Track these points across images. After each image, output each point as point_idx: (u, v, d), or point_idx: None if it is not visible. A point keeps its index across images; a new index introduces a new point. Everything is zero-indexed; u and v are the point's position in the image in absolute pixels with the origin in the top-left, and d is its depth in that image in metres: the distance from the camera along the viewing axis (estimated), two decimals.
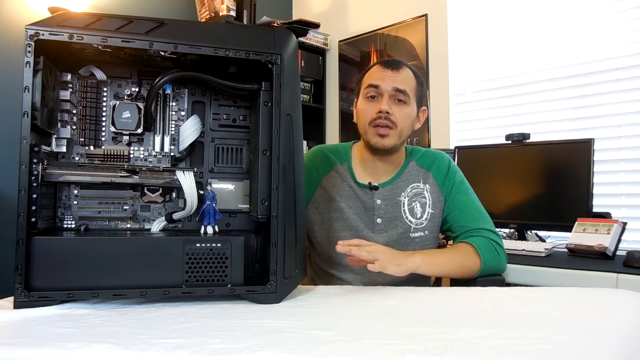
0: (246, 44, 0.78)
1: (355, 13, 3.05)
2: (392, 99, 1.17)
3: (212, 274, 0.77)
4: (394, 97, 1.16)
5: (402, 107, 1.17)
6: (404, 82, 1.17)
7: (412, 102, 1.19)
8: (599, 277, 1.20)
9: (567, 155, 1.68)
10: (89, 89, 0.85)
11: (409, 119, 1.18)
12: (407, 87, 1.17)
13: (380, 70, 1.19)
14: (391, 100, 1.17)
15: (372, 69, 1.22)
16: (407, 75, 1.19)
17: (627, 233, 1.47)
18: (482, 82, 2.46)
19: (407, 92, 1.16)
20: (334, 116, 3.15)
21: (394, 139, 1.17)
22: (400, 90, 1.16)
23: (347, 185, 1.24)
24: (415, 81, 1.20)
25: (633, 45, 2.00)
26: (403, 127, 1.17)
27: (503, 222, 1.75)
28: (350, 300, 0.82)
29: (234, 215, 0.92)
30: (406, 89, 1.16)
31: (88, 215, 0.86)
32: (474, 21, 2.50)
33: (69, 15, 0.73)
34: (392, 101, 1.17)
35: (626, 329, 0.64)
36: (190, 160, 0.91)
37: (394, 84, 1.16)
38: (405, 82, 1.18)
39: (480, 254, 1.11)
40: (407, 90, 1.16)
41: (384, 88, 1.16)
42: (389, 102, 1.16)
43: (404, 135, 1.19)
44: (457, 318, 0.70)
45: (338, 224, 1.21)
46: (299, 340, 0.57)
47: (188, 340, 0.57)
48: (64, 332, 0.60)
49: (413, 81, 1.19)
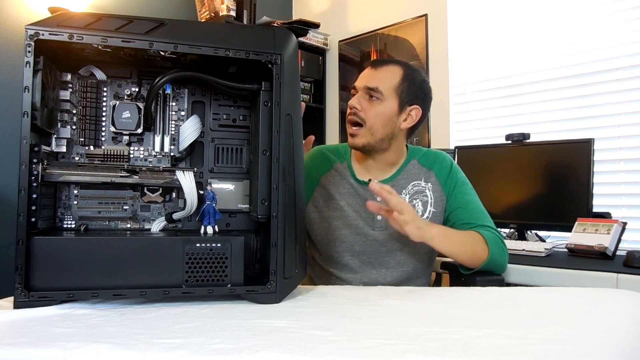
0: (246, 44, 0.78)
1: (355, 13, 3.05)
2: (365, 96, 1.18)
3: (212, 274, 0.77)
4: (367, 95, 1.18)
5: (373, 103, 1.17)
6: (380, 80, 1.17)
7: (389, 99, 1.17)
8: (599, 277, 1.20)
9: (567, 155, 1.68)
10: (89, 89, 0.85)
11: (382, 115, 1.16)
12: (382, 84, 1.16)
13: (364, 71, 1.22)
14: (364, 97, 1.18)
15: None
16: (388, 74, 1.18)
17: (627, 233, 1.47)
18: (482, 82, 2.46)
19: (378, 89, 1.16)
20: (334, 116, 3.15)
21: (365, 137, 1.17)
22: (370, 88, 1.17)
23: (346, 183, 1.24)
24: (399, 78, 1.18)
25: (633, 45, 2.00)
26: (373, 124, 1.16)
27: (503, 222, 1.75)
28: (350, 300, 0.82)
29: (234, 215, 0.91)
30: (378, 86, 1.16)
31: (88, 215, 0.86)
32: (474, 21, 2.50)
33: (69, 15, 0.73)
34: (364, 98, 1.18)
35: (626, 329, 0.64)
36: (190, 160, 0.91)
37: (366, 83, 1.18)
38: (382, 80, 1.17)
39: (489, 245, 1.12)
40: (380, 88, 1.16)
41: (358, 86, 1.20)
42: (359, 98, 1.18)
43: (377, 133, 1.17)
44: (457, 318, 0.70)
45: (337, 222, 1.21)
46: (299, 340, 0.57)
47: (188, 340, 0.57)
48: (64, 332, 0.60)
49: (395, 78, 1.18)
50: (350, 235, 1.20)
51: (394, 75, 1.18)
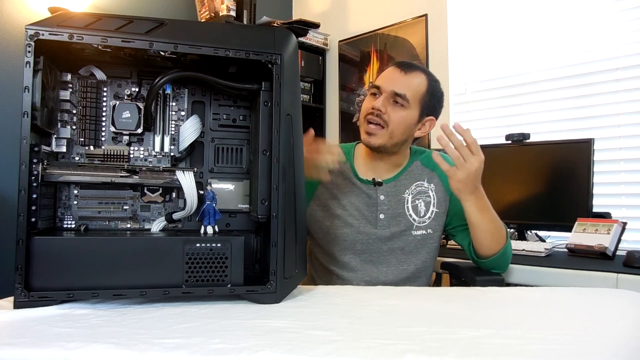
0: (246, 44, 0.78)
1: (355, 13, 3.05)
2: (389, 99, 1.17)
3: (212, 274, 0.77)
4: (392, 99, 1.17)
5: (398, 109, 1.17)
6: (407, 87, 1.16)
7: (413, 107, 1.17)
8: (599, 277, 1.20)
9: (567, 155, 1.68)
10: (89, 89, 0.85)
11: (404, 122, 1.17)
12: (409, 92, 1.16)
13: (390, 71, 1.20)
14: (388, 100, 1.17)
15: (385, 70, 1.23)
16: (415, 81, 1.18)
17: (627, 233, 1.47)
18: (482, 82, 2.46)
19: (406, 97, 1.15)
20: (334, 116, 3.15)
21: (383, 138, 1.17)
22: (398, 94, 1.16)
23: (349, 183, 1.24)
24: (425, 88, 1.18)
25: (633, 45, 2.00)
26: (395, 129, 1.16)
27: (503, 222, 1.74)
28: (350, 300, 0.82)
29: (234, 215, 0.91)
30: (406, 94, 1.15)
31: (88, 215, 0.86)
32: (474, 21, 2.50)
33: (69, 15, 0.73)
34: (389, 102, 1.17)
35: (626, 329, 0.64)
36: (190, 160, 0.91)
37: (394, 87, 1.16)
38: (410, 86, 1.17)
39: (507, 242, 1.16)
40: (407, 95, 1.16)
41: (384, 88, 1.17)
42: (385, 101, 1.17)
43: (395, 138, 1.17)
44: (457, 318, 0.70)
45: (339, 221, 1.22)
46: (299, 340, 0.57)
47: (188, 340, 0.57)
48: (64, 332, 0.60)
49: (422, 88, 1.18)
50: (351, 234, 1.21)
51: (420, 84, 1.18)
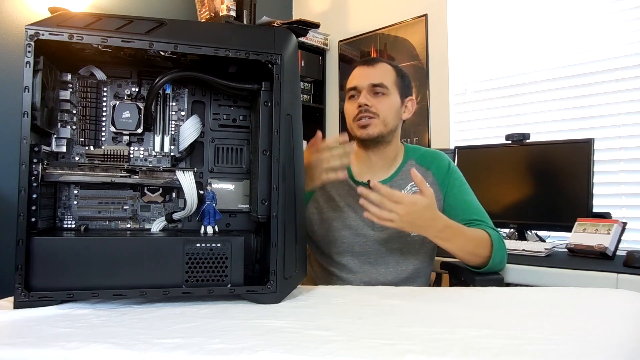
0: (246, 44, 0.78)
1: (355, 13, 3.05)
2: (370, 93, 1.20)
3: (212, 274, 0.77)
4: (372, 91, 1.20)
5: (381, 98, 1.20)
6: (380, 76, 1.20)
7: (393, 92, 1.21)
8: (599, 277, 1.20)
9: (567, 155, 1.68)
10: (89, 89, 0.85)
11: (392, 108, 1.21)
12: (385, 80, 1.20)
13: (358, 70, 1.24)
14: (370, 94, 1.20)
15: (352, 72, 1.26)
16: (384, 69, 1.23)
17: (627, 233, 1.47)
18: (482, 82, 2.46)
19: (384, 85, 1.19)
20: (334, 116, 3.15)
21: (378, 127, 1.19)
22: (376, 85, 1.19)
23: (345, 185, 1.24)
24: (394, 73, 1.23)
25: (633, 45, 2.00)
26: (386, 116, 1.19)
27: (503, 222, 1.75)
28: (350, 301, 0.82)
29: (234, 215, 0.91)
30: (383, 82, 1.20)
31: (88, 215, 0.86)
32: (474, 21, 2.50)
33: (69, 15, 0.73)
34: (370, 95, 1.20)
35: (626, 329, 0.64)
36: (190, 160, 0.91)
37: (370, 80, 1.20)
38: (383, 75, 1.21)
39: (494, 251, 1.12)
40: (385, 83, 1.20)
41: (361, 86, 1.21)
42: (367, 95, 1.20)
43: (389, 124, 1.20)
44: (457, 318, 0.70)
45: (337, 223, 1.22)
46: (299, 340, 0.57)
47: (188, 340, 0.57)
48: (64, 332, 0.60)
49: (392, 73, 1.23)
50: (350, 236, 1.21)
51: (389, 71, 1.23)
